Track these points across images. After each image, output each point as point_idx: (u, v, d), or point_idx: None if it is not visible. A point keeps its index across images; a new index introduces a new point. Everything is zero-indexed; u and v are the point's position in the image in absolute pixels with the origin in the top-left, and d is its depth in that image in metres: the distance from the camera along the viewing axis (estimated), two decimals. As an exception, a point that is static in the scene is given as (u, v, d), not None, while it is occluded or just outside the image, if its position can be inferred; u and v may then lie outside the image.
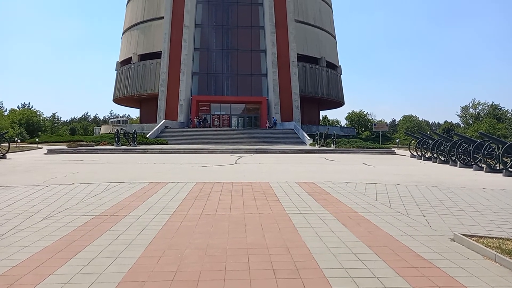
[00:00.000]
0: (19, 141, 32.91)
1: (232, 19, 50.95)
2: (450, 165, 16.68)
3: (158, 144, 31.63)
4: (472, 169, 14.72)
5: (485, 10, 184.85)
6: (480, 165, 14.63)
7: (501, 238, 4.78)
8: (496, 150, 13.96)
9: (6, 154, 20.11)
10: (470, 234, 5.00)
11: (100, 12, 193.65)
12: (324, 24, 57.54)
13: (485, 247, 4.29)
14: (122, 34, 59.01)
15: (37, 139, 40.47)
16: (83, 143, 29.94)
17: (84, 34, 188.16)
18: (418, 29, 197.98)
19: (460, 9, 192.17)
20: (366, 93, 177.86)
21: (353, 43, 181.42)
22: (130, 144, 29.38)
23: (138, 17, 54.39)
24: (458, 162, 16.12)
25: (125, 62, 55.47)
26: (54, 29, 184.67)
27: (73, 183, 9.47)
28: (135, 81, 52.44)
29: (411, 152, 23.65)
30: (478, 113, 77.59)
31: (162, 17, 49.60)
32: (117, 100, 58.69)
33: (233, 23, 50.82)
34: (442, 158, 18.17)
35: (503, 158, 13.14)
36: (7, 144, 21.37)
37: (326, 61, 55.52)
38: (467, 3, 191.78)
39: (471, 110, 79.09)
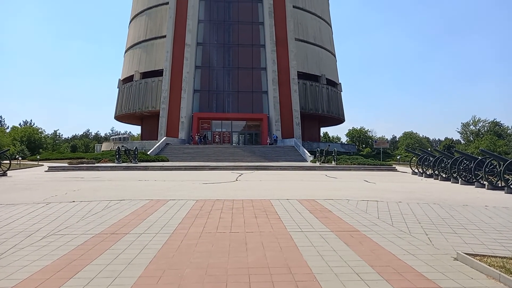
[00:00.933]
0: (20, 158, 32.92)
1: (233, 38, 51.66)
2: (452, 182, 16.62)
3: (159, 161, 31.63)
4: (474, 186, 14.66)
5: (483, 28, 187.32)
6: (481, 182, 14.58)
7: (505, 257, 4.72)
8: (497, 167, 13.92)
9: (7, 172, 20.12)
10: (474, 253, 4.95)
11: (102, 31, 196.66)
12: (324, 43, 58.29)
13: (488, 267, 4.24)
14: (125, 53, 59.77)
15: (38, 156, 40.52)
16: (84, 160, 29.97)
17: (86, 53, 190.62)
18: (416, 47, 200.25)
19: (458, 27, 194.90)
20: (366, 109, 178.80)
21: (353, 60, 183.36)
22: (131, 161, 29.38)
23: (141, 36, 55.19)
24: (460, 179, 16.07)
25: (127, 79, 56.03)
26: (56, 48, 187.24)
27: (74, 201, 9.44)
28: (136, 99, 52.85)
29: (412, 169, 23.61)
30: (479, 129, 77.77)
31: (164, 36, 50.34)
32: (119, 117, 59.02)
33: (234, 41, 51.50)
34: (444, 175, 18.12)
35: (505, 175, 13.10)
36: (8, 162, 21.39)
37: (326, 78, 56.03)
38: (465, 20, 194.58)
39: (471, 127, 79.29)
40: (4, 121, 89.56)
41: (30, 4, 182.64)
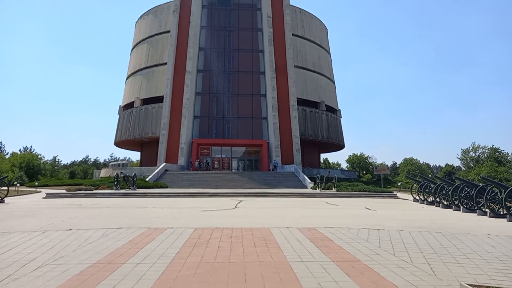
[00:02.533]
0: (18, 184, 32.73)
1: (233, 65, 52.53)
2: (453, 210, 16.46)
3: (157, 187, 31.45)
4: (476, 214, 14.51)
5: (481, 55, 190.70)
6: (483, 209, 14.44)
7: (509, 289, 4.62)
8: (498, 194, 13.83)
9: (5, 199, 19.94)
10: (477, 284, 4.84)
11: (103, 59, 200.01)
12: (323, 70, 59.25)
13: (493, 299, 4.14)
14: (126, 79, 60.63)
15: (36, 183, 40.31)
16: (82, 186, 29.78)
17: (88, 80, 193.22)
18: (414, 76, 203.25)
19: (457, 54, 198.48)
20: (366, 136, 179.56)
21: (352, 87, 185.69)
22: (130, 188, 29.20)
23: (142, 63, 56.14)
24: (461, 207, 15.93)
25: (128, 106, 56.57)
26: (57, 74, 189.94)
27: (71, 229, 9.32)
28: (136, 125, 53.17)
29: (413, 196, 23.43)
30: (479, 156, 77.74)
31: (165, 63, 51.21)
32: (119, 143, 59.18)
33: (234, 68, 52.34)
34: (445, 202, 17.97)
35: (507, 203, 12.99)
36: (6, 188, 21.26)
37: (326, 105, 56.60)
38: (464, 48, 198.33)
39: (471, 153, 79.30)
40: (4, 147, 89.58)
41: (30, 30, 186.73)
